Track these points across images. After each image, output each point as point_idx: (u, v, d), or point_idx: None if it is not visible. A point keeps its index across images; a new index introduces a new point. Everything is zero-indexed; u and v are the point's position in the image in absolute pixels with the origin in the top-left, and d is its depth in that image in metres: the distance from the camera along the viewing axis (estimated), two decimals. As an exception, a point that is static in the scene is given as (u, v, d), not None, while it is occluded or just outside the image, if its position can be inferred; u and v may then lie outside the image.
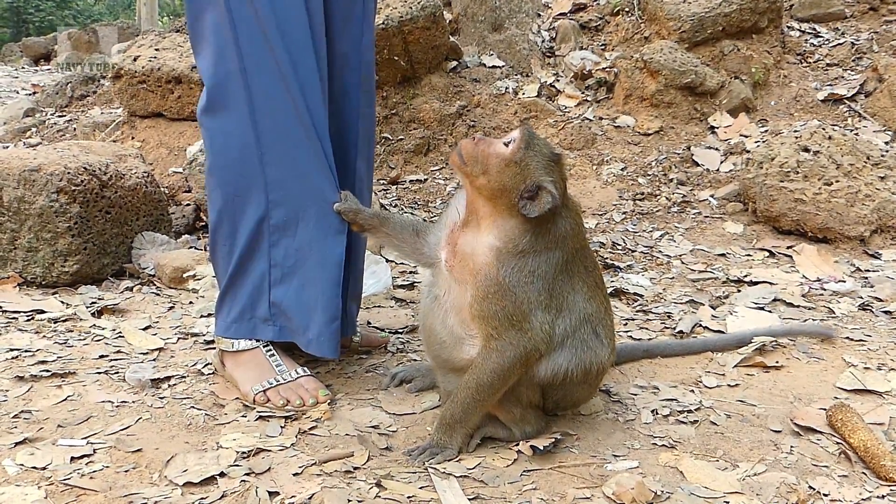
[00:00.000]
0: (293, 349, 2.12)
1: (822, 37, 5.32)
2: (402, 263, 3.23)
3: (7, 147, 5.18)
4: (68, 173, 2.87)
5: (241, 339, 2.04)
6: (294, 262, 1.99)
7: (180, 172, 4.21)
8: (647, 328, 2.61)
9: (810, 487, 1.62)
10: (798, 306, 2.81)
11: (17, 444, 1.72)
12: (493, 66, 4.98)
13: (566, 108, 4.75)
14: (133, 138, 4.61)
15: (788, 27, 5.34)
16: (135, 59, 4.51)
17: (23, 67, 12.28)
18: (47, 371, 2.10)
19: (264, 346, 2.04)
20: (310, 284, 1.98)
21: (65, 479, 1.58)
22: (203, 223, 3.64)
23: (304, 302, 1.99)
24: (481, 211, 1.74)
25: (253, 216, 1.97)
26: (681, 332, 2.56)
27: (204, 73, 1.97)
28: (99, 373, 2.13)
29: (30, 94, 7.48)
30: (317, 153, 1.95)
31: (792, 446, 1.79)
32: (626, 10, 5.32)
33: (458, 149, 1.75)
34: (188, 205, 3.75)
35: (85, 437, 1.76)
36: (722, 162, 4.29)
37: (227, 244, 2.02)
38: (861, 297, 2.90)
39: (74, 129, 5.28)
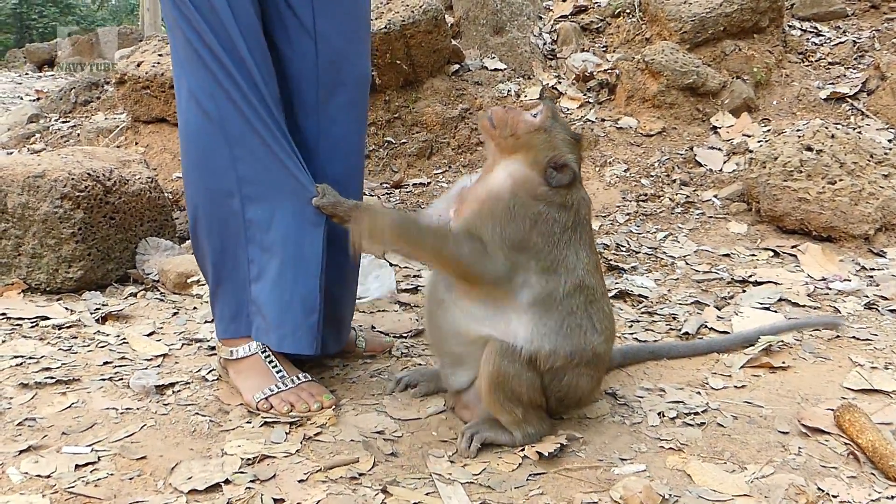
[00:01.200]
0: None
1: (823, 35, 5.31)
2: (405, 267, 3.23)
3: (11, 153, 5.19)
4: (72, 179, 2.87)
5: (240, 338, 2.03)
6: (269, 257, 1.97)
7: (182, 177, 4.21)
8: (652, 330, 2.61)
9: (819, 489, 1.61)
10: (803, 306, 2.80)
11: (21, 451, 1.72)
12: (495, 69, 4.98)
13: (568, 109, 4.74)
14: (137, 143, 4.62)
15: (790, 26, 5.33)
16: (138, 65, 4.51)
17: (26, 73, 12.31)
18: (51, 378, 2.10)
19: (262, 353, 2.02)
20: (283, 280, 1.96)
21: (69, 488, 1.58)
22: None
23: (280, 297, 1.97)
24: (502, 163, 1.82)
25: (228, 212, 1.96)
26: (686, 333, 2.56)
27: (176, 78, 2.00)
28: (103, 379, 2.13)
29: (33, 100, 7.49)
30: (284, 149, 1.94)
31: (800, 447, 1.79)
32: (627, 11, 5.32)
33: (489, 114, 1.84)
34: (191, 210, 3.74)
35: (89, 445, 1.76)
36: (725, 162, 4.28)
37: (205, 243, 2.02)
38: (867, 296, 2.89)
39: (78, 134, 5.28)
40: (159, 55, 4.55)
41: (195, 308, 2.77)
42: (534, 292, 1.72)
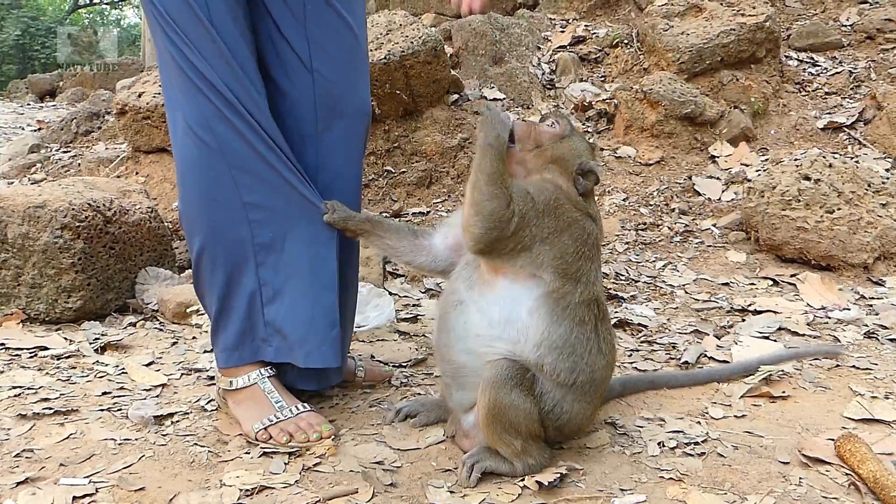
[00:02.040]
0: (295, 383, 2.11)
1: (819, 65, 5.36)
2: (405, 296, 3.23)
3: (12, 183, 5.22)
4: (72, 209, 2.88)
5: (241, 366, 2.02)
6: (285, 276, 1.98)
7: (180, 209, 4.22)
8: (651, 359, 2.60)
9: (820, 520, 1.60)
10: (803, 335, 2.80)
11: (18, 483, 1.70)
12: (495, 99, 5.02)
13: (567, 139, 4.77)
14: (137, 173, 4.64)
15: (786, 57, 5.38)
16: (139, 95, 4.56)
17: (28, 104, 12.39)
18: (50, 409, 2.09)
19: (262, 383, 2.02)
20: (304, 296, 1.98)
21: (67, 519, 1.57)
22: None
23: (300, 314, 1.98)
24: (530, 170, 1.86)
25: (235, 240, 1.97)
26: (686, 362, 2.55)
27: (170, 110, 2.01)
28: (102, 410, 2.12)
29: (35, 131, 7.54)
30: (289, 168, 1.96)
31: (801, 478, 1.78)
32: (625, 42, 5.38)
33: (518, 130, 1.88)
34: (191, 239, 3.75)
35: (87, 476, 1.74)
36: (723, 191, 4.30)
37: (211, 274, 2.01)
38: (866, 325, 2.89)
39: (79, 164, 5.32)
40: (160, 86, 4.58)
41: (194, 338, 2.76)
42: (547, 288, 1.74)
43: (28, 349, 2.58)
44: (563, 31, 5.80)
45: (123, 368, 2.43)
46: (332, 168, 2.11)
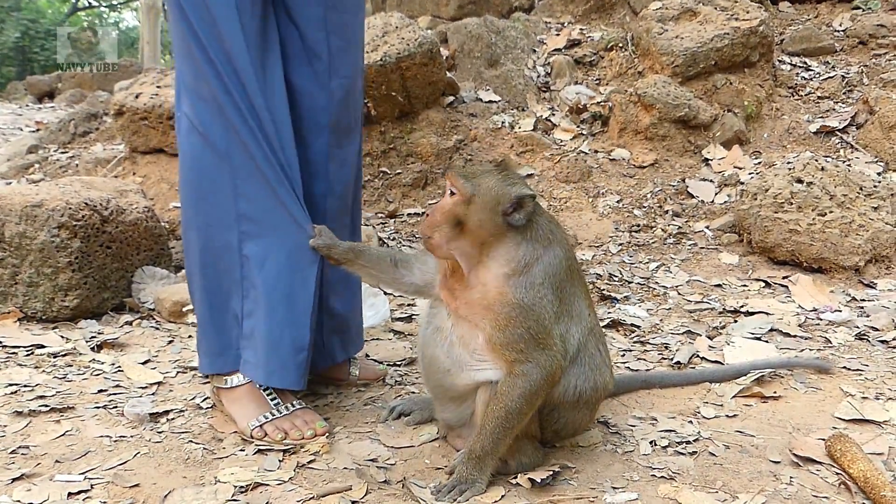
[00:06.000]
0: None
1: (812, 70, 5.40)
2: (400, 296, 3.24)
3: (10, 183, 5.22)
4: (70, 209, 2.89)
5: (227, 372, 2.04)
6: (262, 294, 1.97)
7: (180, 207, 4.23)
8: (644, 359, 2.62)
9: (809, 518, 1.62)
10: (795, 336, 2.82)
11: (14, 479, 1.72)
12: (490, 101, 5.04)
13: (562, 141, 4.80)
14: (134, 174, 4.65)
15: (780, 61, 5.41)
16: (137, 96, 4.56)
17: (27, 105, 12.38)
18: (46, 406, 2.10)
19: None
20: (276, 317, 1.97)
21: (63, 515, 1.58)
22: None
23: (270, 334, 1.97)
24: (471, 254, 1.71)
25: (224, 248, 1.98)
26: (678, 362, 2.57)
27: (179, 105, 2.01)
28: (97, 407, 2.13)
29: (33, 131, 7.54)
30: (286, 188, 1.96)
31: (791, 477, 1.79)
32: (620, 45, 5.40)
33: (422, 230, 1.75)
34: (187, 239, 3.76)
35: (82, 473, 1.76)
36: (716, 193, 4.33)
37: (201, 276, 2.02)
38: (857, 327, 2.91)
39: (77, 164, 5.32)
40: (157, 87, 4.60)
41: (190, 336, 2.77)
42: (574, 347, 1.73)
43: (25, 347, 2.59)
44: (558, 35, 5.82)
45: (119, 366, 2.45)
46: (341, 156, 2.14)
